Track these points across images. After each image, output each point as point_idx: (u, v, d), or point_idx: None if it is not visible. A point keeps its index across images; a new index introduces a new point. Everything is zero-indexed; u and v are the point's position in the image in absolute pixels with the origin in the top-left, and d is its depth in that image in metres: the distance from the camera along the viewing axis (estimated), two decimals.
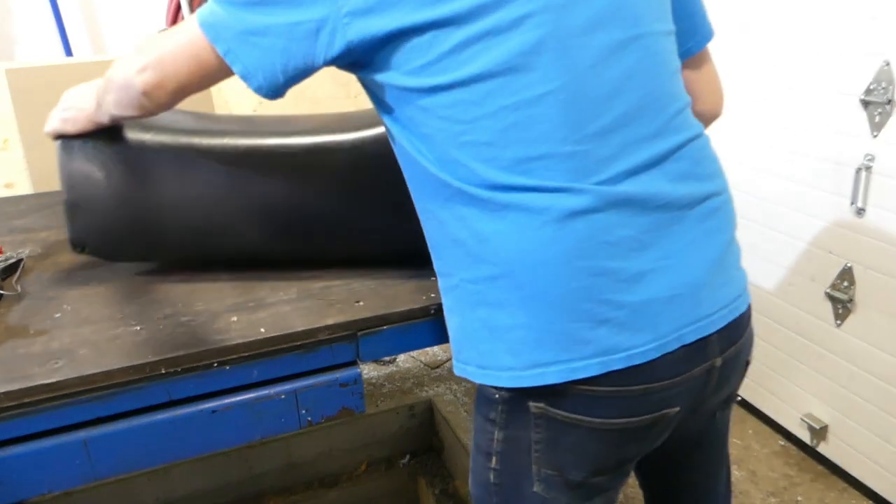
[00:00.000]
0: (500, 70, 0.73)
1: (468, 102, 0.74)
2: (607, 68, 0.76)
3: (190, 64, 0.82)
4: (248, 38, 0.76)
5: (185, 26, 0.82)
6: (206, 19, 0.78)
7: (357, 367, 1.03)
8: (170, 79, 0.84)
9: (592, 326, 0.76)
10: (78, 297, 1.14)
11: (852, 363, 1.84)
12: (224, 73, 0.81)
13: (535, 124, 0.74)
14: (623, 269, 0.76)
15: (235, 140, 1.13)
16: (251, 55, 0.77)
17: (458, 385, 2.50)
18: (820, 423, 1.97)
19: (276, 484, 2.02)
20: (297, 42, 0.75)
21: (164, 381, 0.93)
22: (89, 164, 1.13)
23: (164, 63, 0.83)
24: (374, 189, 1.12)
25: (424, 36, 0.73)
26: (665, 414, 0.83)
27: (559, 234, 0.75)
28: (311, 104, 2.64)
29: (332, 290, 1.13)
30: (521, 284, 0.78)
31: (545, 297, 0.77)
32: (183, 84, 0.84)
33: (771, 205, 2.03)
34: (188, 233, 1.17)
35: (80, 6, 2.65)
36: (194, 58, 0.81)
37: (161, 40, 0.85)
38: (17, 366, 0.92)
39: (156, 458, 0.96)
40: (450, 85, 0.74)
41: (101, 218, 1.16)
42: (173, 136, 1.14)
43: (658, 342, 0.78)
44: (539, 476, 0.86)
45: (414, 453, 2.18)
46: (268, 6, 0.75)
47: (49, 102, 1.13)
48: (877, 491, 1.85)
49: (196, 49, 0.80)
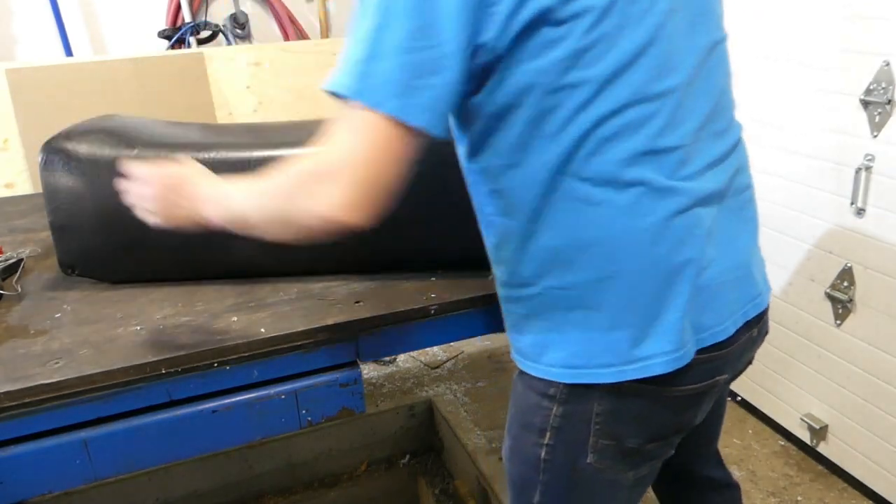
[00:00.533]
0: (622, 67, 0.74)
1: (596, 98, 0.74)
2: (703, 69, 0.82)
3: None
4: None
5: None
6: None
7: (357, 367, 1.03)
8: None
9: (688, 315, 0.81)
10: (78, 297, 1.14)
11: (852, 363, 1.84)
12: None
13: (651, 120, 0.76)
14: (702, 256, 0.81)
15: (235, 153, 1.12)
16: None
17: (458, 385, 2.50)
18: (820, 423, 1.97)
19: (276, 484, 2.02)
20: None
21: (164, 381, 0.93)
22: (73, 184, 1.11)
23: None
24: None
25: (560, 28, 0.71)
26: (717, 381, 0.89)
27: (664, 233, 0.78)
28: (311, 104, 2.65)
29: (332, 290, 1.13)
30: (629, 285, 0.79)
31: (649, 295, 0.80)
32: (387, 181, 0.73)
33: (771, 205, 2.03)
34: (181, 250, 1.14)
35: (80, 6, 2.65)
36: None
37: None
38: (18, 366, 0.93)
39: (156, 458, 0.97)
40: (581, 81, 0.73)
41: (88, 238, 1.14)
42: (157, 152, 1.12)
43: (732, 319, 0.86)
44: (595, 447, 0.88)
45: (414, 453, 2.18)
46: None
47: (49, 102, 1.12)
48: (876, 491, 1.85)
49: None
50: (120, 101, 2.38)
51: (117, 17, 2.72)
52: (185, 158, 1.00)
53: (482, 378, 2.55)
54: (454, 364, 2.65)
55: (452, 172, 0.92)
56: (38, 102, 2.28)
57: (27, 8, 2.57)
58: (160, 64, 2.46)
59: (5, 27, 2.57)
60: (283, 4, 2.86)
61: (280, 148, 1.12)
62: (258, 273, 1.20)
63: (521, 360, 0.91)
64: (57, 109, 2.28)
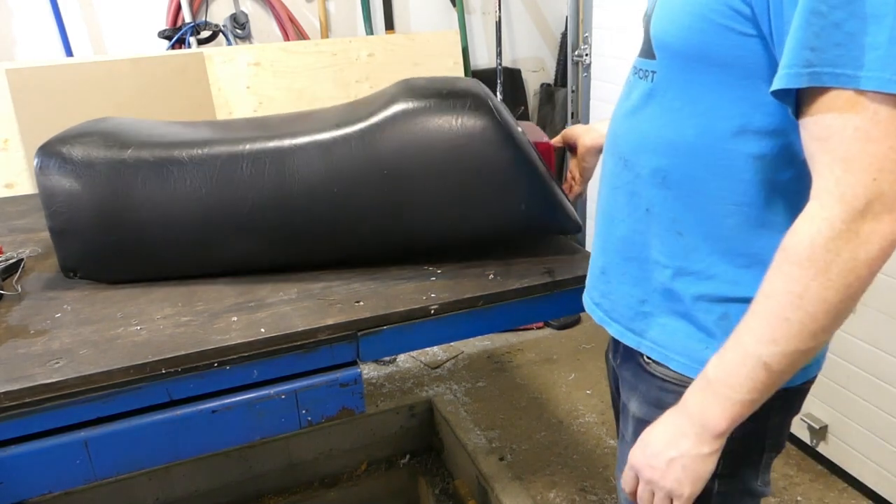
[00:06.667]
0: None
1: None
2: None
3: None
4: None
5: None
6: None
7: (357, 367, 1.03)
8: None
9: None
10: (78, 297, 1.14)
11: (852, 363, 1.84)
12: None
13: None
14: None
15: (228, 147, 1.13)
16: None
17: (458, 385, 2.50)
18: (819, 423, 1.97)
19: (276, 484, 2.02)
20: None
21: (164, 381, 0.93)
22: (70, 187, 1.11)
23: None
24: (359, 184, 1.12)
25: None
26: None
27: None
28: (311, 104, 2.64)
29: (332, 290, 1.13)
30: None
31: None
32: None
33: None
34: (182, 247, 1.15)
35: (80, 6, 2.65)
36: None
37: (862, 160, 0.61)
38: (18, 366, 0.93)
39: (156, 458, 0.97)
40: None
41: (88, 241, 1.14)
42: (151, 151, 1.12)
43: None
44: (764, 463, 0.86)
45: (414, 453, 2.18)
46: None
47: (49, 102, 1.12)
48: (876, 490, 1.85)
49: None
50: (120, 101, 2.38)
51: (117, 17, 2.72)
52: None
53: (482, 378, 2.55)
54: (454, 364, 2.65)
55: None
56: (38, 102, 2.28)
57: (27, 8, 2.57)
58: (160, 64, 2.46)
59: (5, 27, 2.57)
60: (283, 4, 2.86)
61: (274, 140, 1.12)
62: (265, 267, 1.20)
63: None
64: (57, 109, 2.28)
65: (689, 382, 0.81)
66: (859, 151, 0.60)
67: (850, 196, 0.61)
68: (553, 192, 1.17)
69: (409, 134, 1.10)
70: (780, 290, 0.65)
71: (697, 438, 0.73)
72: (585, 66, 2.77)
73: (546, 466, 2.08)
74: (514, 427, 2.25)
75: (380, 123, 1.10)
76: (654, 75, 0.79)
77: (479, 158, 1.11)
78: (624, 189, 0.86)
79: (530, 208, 1.15)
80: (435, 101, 1.11)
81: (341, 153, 1.10)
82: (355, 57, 2.72)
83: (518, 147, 1.12)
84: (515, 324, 1.19)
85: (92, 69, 2.37)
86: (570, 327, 2.86)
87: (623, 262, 0.89)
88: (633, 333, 0.89)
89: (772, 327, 0.66)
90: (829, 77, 0.61)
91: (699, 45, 0.72)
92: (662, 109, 0.79)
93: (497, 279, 1.13)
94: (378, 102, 1.15)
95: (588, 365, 2.59)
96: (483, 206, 1.14)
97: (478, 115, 1.10)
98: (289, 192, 1.11)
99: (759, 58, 0.69)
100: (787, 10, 0.63)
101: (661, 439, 0.76)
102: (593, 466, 2.07)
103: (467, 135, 1.10)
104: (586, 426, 2.25)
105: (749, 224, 0.76)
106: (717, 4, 0.69)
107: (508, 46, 3.30)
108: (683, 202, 0.79)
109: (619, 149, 0.87)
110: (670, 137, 0.78)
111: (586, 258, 1.22)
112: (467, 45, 3.16)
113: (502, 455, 2.09)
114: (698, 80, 0.74)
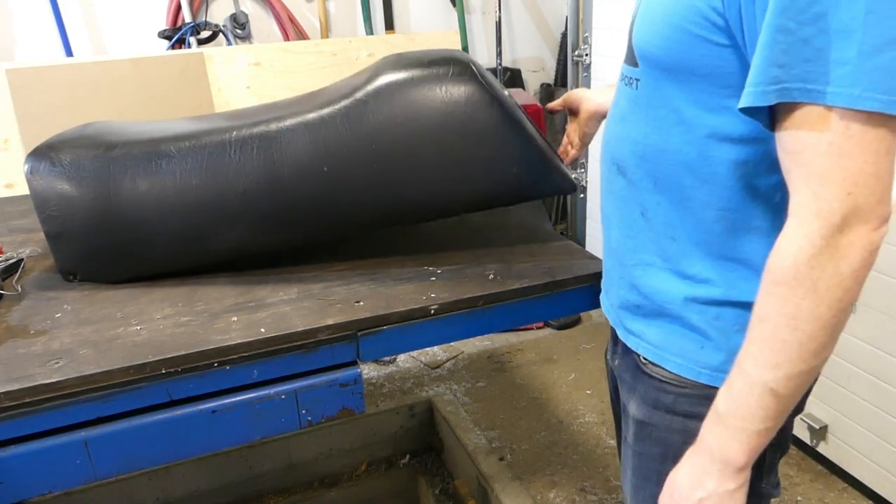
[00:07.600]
0: None
1: None
2: None
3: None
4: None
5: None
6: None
7: (357, 367, 1.03)
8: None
9: None
10: (78, 297, 1.14)
11: (851, 363, 1.84)
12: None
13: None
14: None
15: (214, 137, 1.12)
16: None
17: (458, 385, 2.50)
18: (819, 423, 1.97)
19: (276, 484, 2.02)
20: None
21: (164, 381, 0.93)
22: (62, 190, 1.11)
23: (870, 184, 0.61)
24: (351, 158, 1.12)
25: None
26: None
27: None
28: None
29: (332, 290, 1.13)
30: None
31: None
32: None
33: None
34: (179, 241, 1.15)
35: (80, 6, 2.65)
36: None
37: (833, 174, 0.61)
38: (18, 366, 0.93)
39: (156, 458, 0.97)
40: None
41: (84, 243, 1.14)
42: (139, 148, 1.12)
43: None
44: (769, 464, 0.85)
45: (414, 453, 2.18)
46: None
47: (49, 102, 1.12)
48: (876, 490, 1.85)
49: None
50: (120, 101, 2.38)
51: (117, 17, 2.72)
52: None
53: (482, 378, 2.55)
54: (454, 364, 2.65)
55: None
56: (38, 102, 2.28)
57: (27, 8, 2.57)
58: (160, 64, 2.46)
59: (5, 27, 2.57)
60: (283, 4, 2.86)
61: (260, 125, 1.12)
62: (262, 252, 1.20)
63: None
64: (57, 109, 2.28)
65: (686, 383, 0.83)
66: (833, 166, 0.61)
67: (827, 211, 0.62)
68: (545, 153, 1.16)
69: (395, 106, 1.10)
70: (773, 312, 0.66)
71: (721, 475, 0.72)
72: (585, 66, 2.78)
73: (546, 466, 2.08)
74: (514, 427, 2.26)
75: (364, 98, 1.10)
76: (638, 83, 0.81)
77: (468, 124, 1.10)
78: (618, 194, 0.88)
79: (523, 170, 1.15)
80: (418, 71, 1.11)
81: (328, 132, 1.10)
82: (355, 57, 2.72)
83: (506, 109, 1.11)
84: (515, 324, 1.19)
85: (92, 69, 2.37)
86: (570, 327, 2.87)
87: (620, 264, 0.90)
88: (632, 335, 0.90)
89: (772, 351, 0.67)
90: (798, 92, 0.61)
91: (678, 56, 0.73)
92: (648, 117, 0.80)
93: (497, 279, 1.13)
94: (362, 77, 1.15)
95: (588, 365, 2.60)
96: (475, 172, 1.14)
97: (462, 80, 1.10)
98: (279, 175, 1.11)
99: (735, 68, 0.70)
100: (760, 21, 0.63)
101: (687, 481, 0.75)
102: (593, 466, 2.07)
103: (453, 101, 1.10)
104: (586, 426, 2.25)
105: (735, 229, 0.77)
106: (693, 16, 0.70)
107: (508, 46, 3.31)
108: (675, 207, 0.80)
109: (612, 154, 0.88)
110: (658, 144, 0.79)
111: (586, 258, 1.22)
112: (467, 45, 3.16)
113: (502, 455, 2.10)
114: (679, 89, 0.75)
